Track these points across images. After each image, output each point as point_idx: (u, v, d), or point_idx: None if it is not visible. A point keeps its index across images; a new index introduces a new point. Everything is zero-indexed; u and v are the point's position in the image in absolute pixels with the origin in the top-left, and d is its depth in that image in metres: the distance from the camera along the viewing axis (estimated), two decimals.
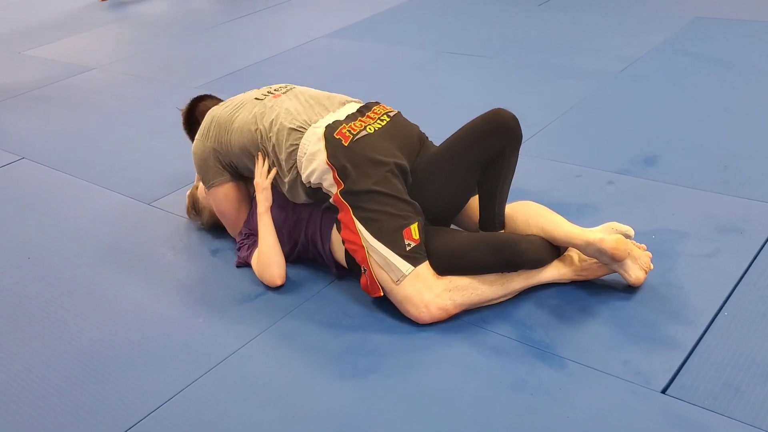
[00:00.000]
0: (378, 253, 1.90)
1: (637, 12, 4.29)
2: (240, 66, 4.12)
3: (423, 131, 2.19)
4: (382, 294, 1.94)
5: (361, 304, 2.05)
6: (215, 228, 2.47)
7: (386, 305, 2.01)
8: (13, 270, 2.43)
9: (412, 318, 1.91)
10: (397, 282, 1.88)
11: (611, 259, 1.89)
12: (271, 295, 2.14)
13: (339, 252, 2.10)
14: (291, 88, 2.29)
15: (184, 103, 2.54)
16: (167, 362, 1.92)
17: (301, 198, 2.12)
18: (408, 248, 1.89)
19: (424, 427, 1.64)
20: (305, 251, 2.20)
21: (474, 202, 2.12)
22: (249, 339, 1.97)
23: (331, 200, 2.00)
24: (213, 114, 2.26)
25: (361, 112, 2.11)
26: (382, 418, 1.67)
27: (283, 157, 2.07)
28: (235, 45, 4.60)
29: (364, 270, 1.95)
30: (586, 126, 2.96)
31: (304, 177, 2.04)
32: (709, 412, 1.59)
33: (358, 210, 1.93)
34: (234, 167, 2.25)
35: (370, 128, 2.04)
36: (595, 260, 1.95)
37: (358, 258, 1.96)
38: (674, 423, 1.57)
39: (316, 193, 2.06)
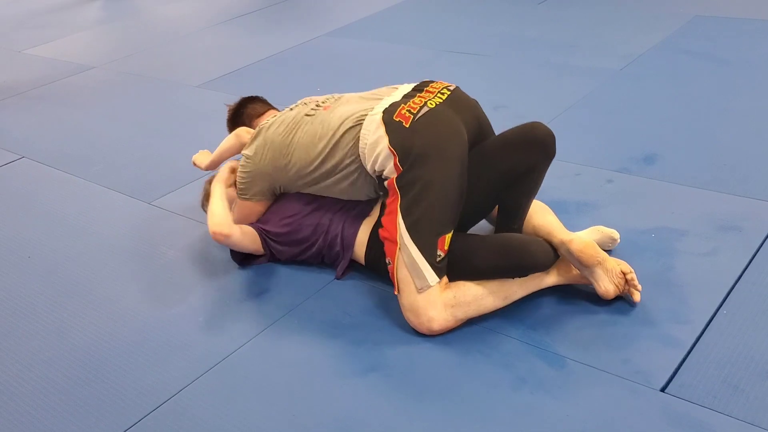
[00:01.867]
0: (409, 254, 1.86)
1: (637, 10, 4.29)
2: (240, 65, 4.12)
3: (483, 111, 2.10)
4: (397, 293, 1.91)
5: (360, 303, 2.05)
6: None
7: (386, 304, 2.02)
8: (14, 269, 2.43)
9: (411, 325, 1.90)
10: (420, 290, 1.85)
11: (578, 262, 1.88)
12: (270, 294, 2.14)
13: (359, 251, 2.11)
14: (338, 98, 2.21)
15: (189, 102, 2.54)
16: (167, 361, 1.93)
17: (366, 193, 2.07)
18: (438, 259, 1.86)
19: (424, 426, 1.64)
20: (318, 254, 2.20)
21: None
22: (249, 338, 1.97)
23: (386, 183, 1.93)
24: (266, 136, 2.15)
25: (418, 89, 2.02)
26: (382, 417, 1.68)
27: (347, 160, 1.99)
28: (236, 44, 4.60)
29: (389, 262, 1.92)
30: (585, 124, 2.96)
31: (369, 168, 1.96)
32: (709, 410, 1.59)
33: (406, 201, 1.86)
34: (280, 189, 2.20)
35: (431, 103, 1.94)
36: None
37: (387, 250, 1.92)
38: (674, 421, 1.57)
39: (382, 182, 1.96)
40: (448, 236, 1.87)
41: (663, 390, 1.66)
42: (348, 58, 4.07)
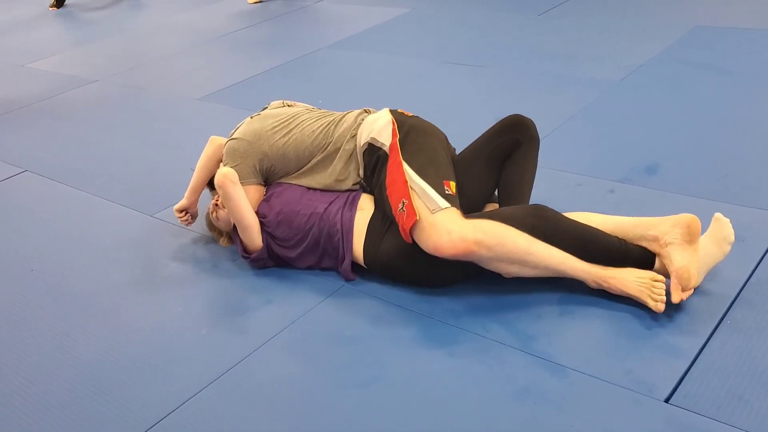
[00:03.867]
0: (419, 186, 2.01)
1: (637, 21, 4.31)
2: (242, 78, 4.14)
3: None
4: (417, 218, 1.96)
5: (363, 315, 2.05)
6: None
7: (388, 315, 2.02)
8: (16, 282, 2.44)
9: (432, 248, 1.94)
10: (433, 211, 1.96)
11: (682, 236, 1.88)
12: (273, 306, 2.14)
13: (358, 241, 2.14)
14: (312, 109, 2.48)
15: (190, 115, 2.55)
16: (170, 374, 1.92)
17: (351, 178, 2.25)
18: (447, 192, 2.01)
19: None
20: (315, 248, 2.20)
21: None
22: (251, 350, 1.97)
23: (387, 148, 2.13)
24: (253, 123, 2.35)
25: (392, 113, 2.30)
26: (385, 429, 1.67)
27: (345, 137, 2.24)
28: (237, 57, 4.62)
29: (404, 202, 2.01)
30: (586, 135, 2.97)
31: (363, 139, 2.20)
32: (713, 420, 1.59)
33: (407, 153, 2.09)
34: (270, 172, 2.33)
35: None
36: (621, 277, 1.92)
37: (397, 194, 2.04)
38: None
39: (372, 155, 2.18)
40: (452, 183, 2.05)
41: (667, 401, 1.65)
42: (350, 70, 4.08)
